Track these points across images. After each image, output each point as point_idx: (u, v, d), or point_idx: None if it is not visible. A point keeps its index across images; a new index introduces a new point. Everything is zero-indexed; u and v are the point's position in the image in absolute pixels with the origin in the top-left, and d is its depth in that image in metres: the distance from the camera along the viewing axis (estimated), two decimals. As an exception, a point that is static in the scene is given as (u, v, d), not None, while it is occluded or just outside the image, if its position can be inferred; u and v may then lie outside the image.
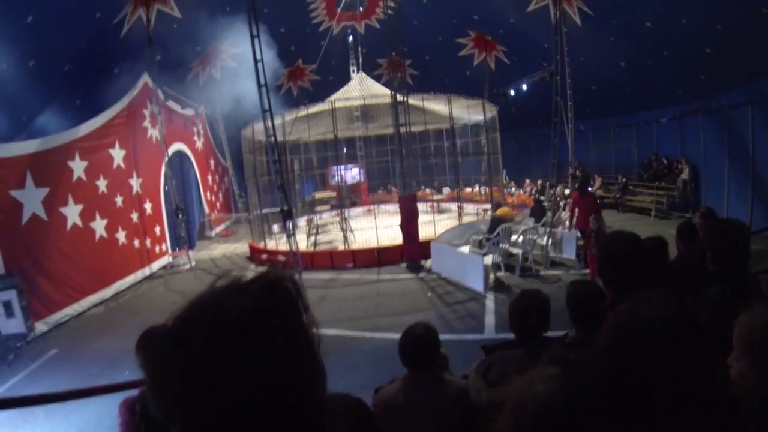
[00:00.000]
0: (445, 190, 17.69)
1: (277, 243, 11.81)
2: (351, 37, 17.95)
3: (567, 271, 8.74)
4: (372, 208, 16.50)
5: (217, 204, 18.09)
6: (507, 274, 8.38)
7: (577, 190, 9.18)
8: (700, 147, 13.23)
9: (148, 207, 11.91)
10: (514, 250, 8.99)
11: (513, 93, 13.90)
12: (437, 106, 12.98)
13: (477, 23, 16.34)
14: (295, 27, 15.78)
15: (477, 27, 16.62)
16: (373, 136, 16.22)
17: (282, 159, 10.67)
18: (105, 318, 8.50)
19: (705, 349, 1.01)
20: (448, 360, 2.71)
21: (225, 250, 14.05)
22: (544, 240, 9.32)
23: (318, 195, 15.89)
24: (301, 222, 13.98)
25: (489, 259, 8.37)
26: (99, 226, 9.63)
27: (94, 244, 9.45)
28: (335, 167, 16.10)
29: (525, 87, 13.26)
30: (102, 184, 9.91)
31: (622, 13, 12.09)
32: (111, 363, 5.92)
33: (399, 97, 10.41)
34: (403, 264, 10.10)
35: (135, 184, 11.36)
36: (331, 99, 12.49)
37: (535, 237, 9.41)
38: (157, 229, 12.37)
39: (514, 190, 18.07)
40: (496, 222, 9.12)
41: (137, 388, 2.40)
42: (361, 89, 13.28)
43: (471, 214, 13.36)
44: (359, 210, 17.20)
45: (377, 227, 10.97)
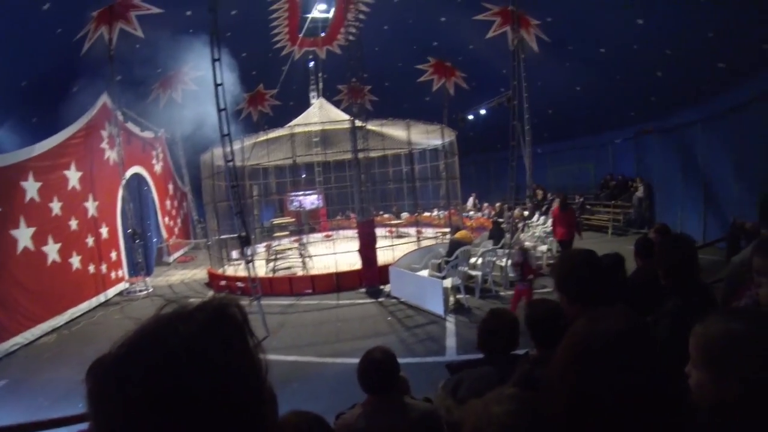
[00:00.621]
0: (404, 215, 17.69)
1: (236, 269, 11.50)
2: (312, 63, 18.12)
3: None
4: (331, 233, 16.37)
5: (176, 229, 17.60)
6: (467, 296, 8.37)
7: (559, 204, 9.93)
8: (655, 165, 13.81)
9: (104, 231, 11.44)
10: (473, 272, 9.02)
11: (472, 118, 14.25)
12: (396, 131, 13.05)
13: (437, 50, 16.79)
14: (257, 51, 15.76)
15: (437, 54, 17.07)
16: (333, 161, 16.22)
17: (241, 184, 10.48)
18: (57, 347, 8.02)
19: (662, 362, 1.02)
20: (408, 384, 2.71)
21: (183, 276, 13.66)
22: (503, 261, 9.41)
23: (277, 221, 15.65)
24: (261, 248, 13.69)
25: (448, 282, 8.34)
26: (52, 250, 9.13)
27: (46, 268, 8.93)
28: (294, 193, 15.96)
29: (483, 111, 13.59)
30: (56, 206, 9.43)
31: (577, 40, 12.69)
32: (63, 394, 5.60)
33: (358, 123, 10.45)
34: (363, 289, 9.99)
35: (91, 207, 10.91)
36: (291, 124, 12.44)
37: (494, 259, 9.49)
38: (114, 254, 11.87)
39: (472, 213, 18.25)
40: (454, 245, 9.14)
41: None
42: (321, 114, 13.28)
43: (430, 237, 13.39)
44: (318, 236, 17.03)
45: (336, 252, 10.87)
